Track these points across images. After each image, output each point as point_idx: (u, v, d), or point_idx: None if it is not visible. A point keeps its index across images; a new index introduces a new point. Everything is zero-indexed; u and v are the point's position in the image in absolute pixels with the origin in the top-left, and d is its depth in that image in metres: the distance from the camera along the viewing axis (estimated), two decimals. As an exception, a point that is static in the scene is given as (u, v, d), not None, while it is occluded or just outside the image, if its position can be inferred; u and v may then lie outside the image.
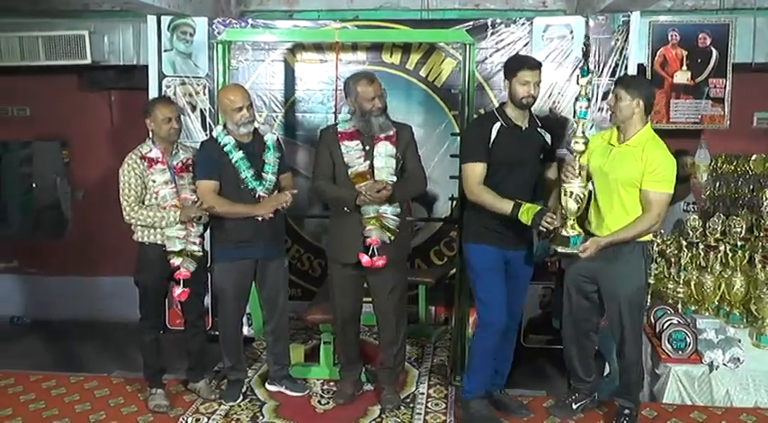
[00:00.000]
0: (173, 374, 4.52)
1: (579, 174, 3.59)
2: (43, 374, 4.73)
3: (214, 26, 5.40)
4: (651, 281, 5.03)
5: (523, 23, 5.27)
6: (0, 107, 7.07)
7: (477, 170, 3.79)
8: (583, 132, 3.64)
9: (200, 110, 5.48)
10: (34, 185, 7.59)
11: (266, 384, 4.46)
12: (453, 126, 5.37)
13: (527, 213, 3.64)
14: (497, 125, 3.79)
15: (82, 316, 6.90)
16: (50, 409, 4.22)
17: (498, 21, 5.29)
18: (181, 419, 4.07)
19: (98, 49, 6.10)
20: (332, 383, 4.48)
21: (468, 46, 4.47)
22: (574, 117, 3.69)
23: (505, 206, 3.69)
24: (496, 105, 4.17)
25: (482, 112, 5.28)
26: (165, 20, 5.45)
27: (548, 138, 3.91)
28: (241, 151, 4.00)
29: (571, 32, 5.25)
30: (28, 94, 6.98)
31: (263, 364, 4.74)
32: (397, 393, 4.30)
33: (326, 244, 4.44)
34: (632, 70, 5.23)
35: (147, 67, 5.55)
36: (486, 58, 5.29)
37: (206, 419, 4.07)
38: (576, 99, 3.67)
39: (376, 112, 3.92)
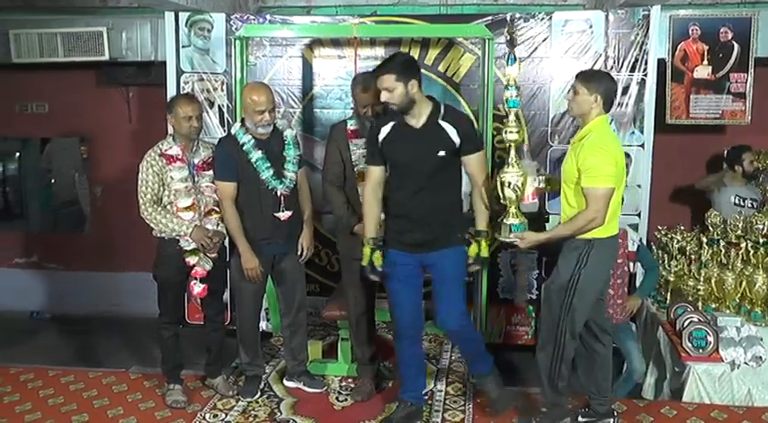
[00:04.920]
0: (191, 370, 4.54)
1: (514, 162, 3.58)
2: (62, 370, 4.77)
3: (232, 22, 5.41)
4: (671, 278, 4.99)
5: (543, 18, 5.23)
6: (20, 103, 7.11)
7: (371, 174, 3.78)
8: (515, 121, 3.61)
9: (218, 106, 5.49)
10: (53, 181, 7.67)
11: (284, 380, 4.46)
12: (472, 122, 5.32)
13: (367, 255, 3.75)
14: (389, 125, 3.69)
15: (101, 311, 6.96)
16: (69, 404, 4.25)
17: (517, 15, 5.25)
18: (198, 415, 4.08)
19: (116, 46, 6.13)
20: (350, 380, 4.48)
21: (487, 41, 4.44)
22: (506, 107, 3.64)
23: (367, 231, 3.78)
24: None
25: (500, 108, 5.27)
26: (183, 16, 5.46)
27: (452, 132, 3.65)
28: (260, 151, 3.99)
29: (591, 27, 5.22)
30: (47, 90, 7.03)
31: (281, 360, 4.73)
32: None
33: (338, 239, 4.45)
34: (652, 65, 5.20)
35: (164, 63, 5.57)
36: (506, 53, 5.23)
37: (223, 415, 4.08)
38: (506, 88, 3.63)
39: (370, 116, 3.98)
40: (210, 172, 4.09)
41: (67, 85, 6.91)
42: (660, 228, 5.39)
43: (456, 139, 3.65)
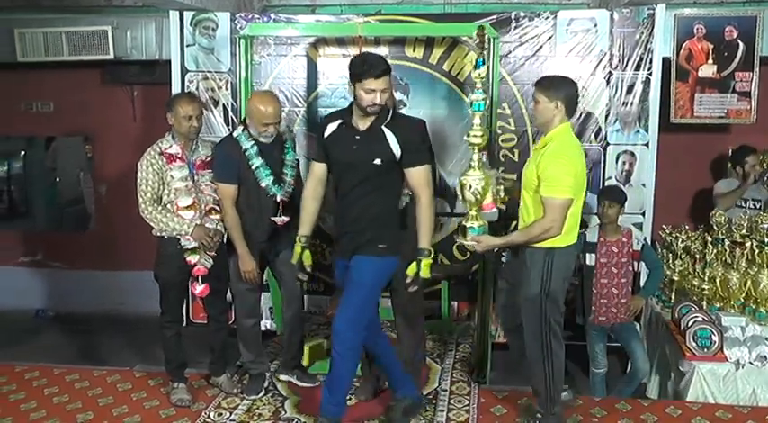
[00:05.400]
0: (195, 369, 4.54)
1: (477, 166, 3.55)
2: (67, 368, 4.78)
3: (236, 21, 5.42)
4: (675, 277, 4.98)
5: (547, 17, 5.24)
6: (25, 102, 7.13)
7: (313, 170, 3.73)
8: (480, 124, 3.57)
9: (223, 105, 5.50)
10: (58, 180, 7.67)
11: (276, 373, 4.47)
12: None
13: (298, 253, 3.71)
14: (336, 123, 3.59)
15: (105, 310, 6.98)
16: (74, 402, 4.26)
17: (522, 14, 5.26)
18: (203, 414, 4.08)
19: (121, 45, 6.14)
20: (354, 379, 4.43)
21: (492, 40, 4.43)
22: (471, 110, 3.60)
23: (301, 229, 3.74)
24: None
25: (505, 106, 5.28)
26: (188, 15, 5.48)
27: (392, 141, 3.49)
28: (261, 157, 3.98)
29: (595, 26, 5.23)
30: (52, 89, 7.05)
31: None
32: (420, 389, 4.28)
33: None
34: (657, 64, 5.20)
35: (169, 62, 5.59)
36: (510, 52, 5.26)
37: (228, 414, 4.08)
38: (472, 91, 3.58)
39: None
40: (210, 171, 4.09)
41: (72, 84, 6.93)
42: (664, 227, 5.40)
43: (396, 149, 3.49)
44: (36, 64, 6.34)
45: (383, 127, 3.52)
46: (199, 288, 4.06)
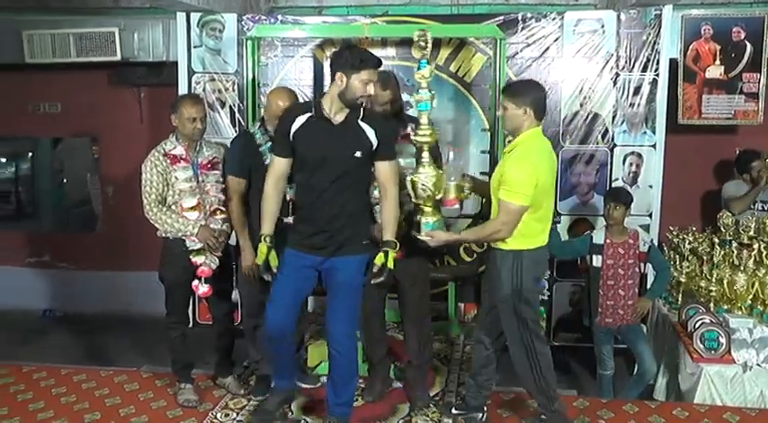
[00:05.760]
0: (202, 369, 4.55)
1: (427, 164, 3.57)
2: (74, 368, 4.79)
3: (243, 22, 5.43)
4: (682, 279, 4.97)
5: (554, 18, 5.24)
6: (32, 103, 7.15)
7: (276, 166, 3.58)
8: (427, 123, 3.58)
9: (230, 106, 5.50)
10: (65, 181, 7.70)
11: None
12: (483, 122, 5.34)
13: (264, 254, 3.58)
14: (305, 116, 3.48)
15: (112, 310, 6.98)
16: (81, 402, 4.26)
17: (529, 15, 5.25)
18: (210, 414, 4.08)
19: (128, 46, 6.17)
20: (360, 380, 4.40)
21: (498, 41, 4.43)
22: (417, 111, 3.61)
23: (264, 227, 3.60)
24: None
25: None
26: (195, 16, 5.49)
27: (370, 133, 3.49)
28: None
29: (602, 27, 5.23)
30: (59, 90, 7.07)
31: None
32: (427, 391, 4.28)
33: None
34: (664, 65, 5.19)
35: (176, 63, 5.59)
36: (517, 53, 5.25)
37: (235, 414, 4.08)
38: (417, 91, 3.58)
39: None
40: (215, 171, 4.10)
41: (79, 86, 6.94)
42: (672, 228, 5.40)
43: (374, 141, 3.49)
44: (44, 65, 6.37)
45: (360, 121, 3.50)
46: (202, 289, 4.06)
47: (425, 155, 3.59)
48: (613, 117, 5.31)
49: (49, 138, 7.49)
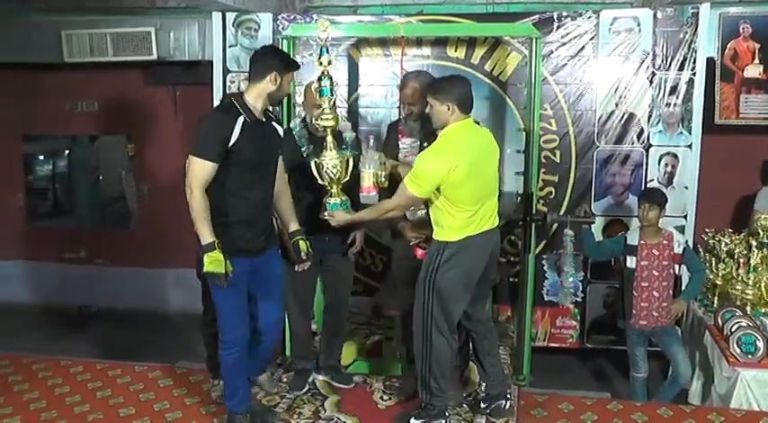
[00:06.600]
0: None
1: (331, 147, 3.65)
2: (110, 363, 4.85)
3: (279, 22, 5.47)
4: (718, 281, 4.91)
5: (590, 16, 5.20)
6: (70, 102, 7.26)
7: (208, 170, 3.33)
8: (331, 108, 3.62)
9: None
10: (100, 178, 7.79)
11: (314, 372, 4.47)
12: (518, 121, 5.32)
13: (214, 263, 3.34)
14: (240, 120, 3.37)
15: (146, 306, 7.07)
16: (116, 397, 4.32)
17: (565, 14, 5.22)
18: (244, 411, 4.11)
19: (164, 46, 6.22)
20: (394, 379, 4.45)
21: (534, 40, 4.40)
22: (319, 96, 3.63)
23: (205, 236, 3.31)
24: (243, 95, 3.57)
25: (547, 107, 5.24)
26: (230, 16, 5.54)
27: (280, 131, 3.65)
28: (312, 145, 3.97)
29: (638, 25, 5.17)
30: (96, 89, 7.16)
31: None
32: (461, 390, 4.27)
33: (389, 238, 4.46)
34: (701, 64, 5.13)
35: (211, 62, 5.64)
36: (552, 52, 5.22)
37: (268, 412, 4.10)
38: (319, 79, 3.60)
39: (410, 116, 3.97)
40: None
41: (116, 85, 7.04)
42: (707, 230, 5.31)
43: (281, 138, 3.67)
44: (81, 64, 6.45)
45: (273, 121, 3.63)
46: None
47: (329, 138, 3.67)
48: (649, 117, 5.25)
49: (85, 136, 7.58)
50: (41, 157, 7.91)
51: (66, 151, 7.87)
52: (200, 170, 3.31)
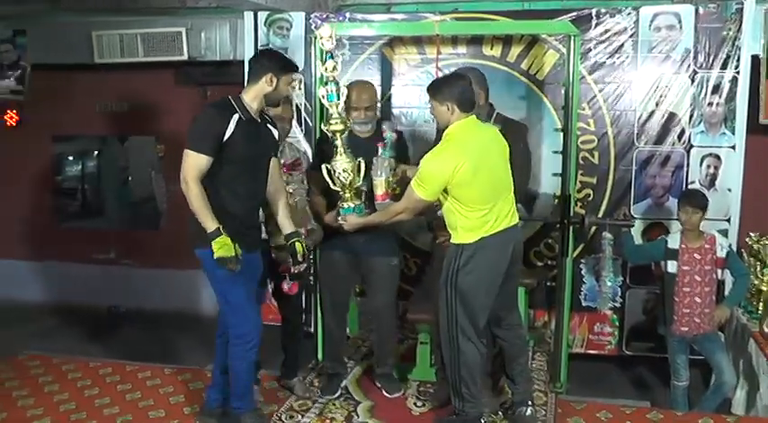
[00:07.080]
0: (267, 370, 4.52)
1: (342, 152, 3.74)
2: (139, 365, 4.84)
3: (311, 21, 5.42)
4: (763, 287, 4.80)
5: (629, 13, 5.08)
6: (100, 102, 7.27)
7: (201, 163, 3.38)
8: (338, 114, 3.74)
9: (296, 105, 5.46)
10: (130, 179, 7.81)
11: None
12: (555, 121, 5.22)
13: (224, 247, 3.37)
14: (235, 117, 3.43)
15: (175, 307, 7.06)
16: (146, 399, 4.31)
17: (603, 10, 5.10)
18: (275, 416, 4.06)
19: (195, 46, 6.22)
20: (428, 385, 4.39)
21: (572, 37, 4.30)
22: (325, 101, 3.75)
23: (208, 224, 3.37)
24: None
25: (585, 106, 5.13)
26: (262, 15, 5.51)
27: (275, 133, 3.70)
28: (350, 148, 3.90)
29: (680, 22, 5.05)
30: (126, 89, 7.15)
31: (357, 364, 4.71)
32: (496, 398, 4.20)
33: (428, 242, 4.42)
34: (745, 62, 4.99)
35: (243, 62, 5.58)
36: (590, 50, 5.11)
37: (300, 417, 4.05)
38: (324, 84, 3.73)
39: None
40: (297, 172, 4.11)
41: (146, 85, 7.02)
42: (752, 234, 5.17)
43: (276, 139, 3.72)
44: (112, 65, 6.47)
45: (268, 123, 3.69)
46: (287, 285, 4.00)
47: (338, 143, 3.75)
48: (690, 117, 5.12)
49: (115, 136, 7.59)
50: (71, 158, 7.94)
51: (96, 152, 7.90)
52: (194, 163, 3.39)
